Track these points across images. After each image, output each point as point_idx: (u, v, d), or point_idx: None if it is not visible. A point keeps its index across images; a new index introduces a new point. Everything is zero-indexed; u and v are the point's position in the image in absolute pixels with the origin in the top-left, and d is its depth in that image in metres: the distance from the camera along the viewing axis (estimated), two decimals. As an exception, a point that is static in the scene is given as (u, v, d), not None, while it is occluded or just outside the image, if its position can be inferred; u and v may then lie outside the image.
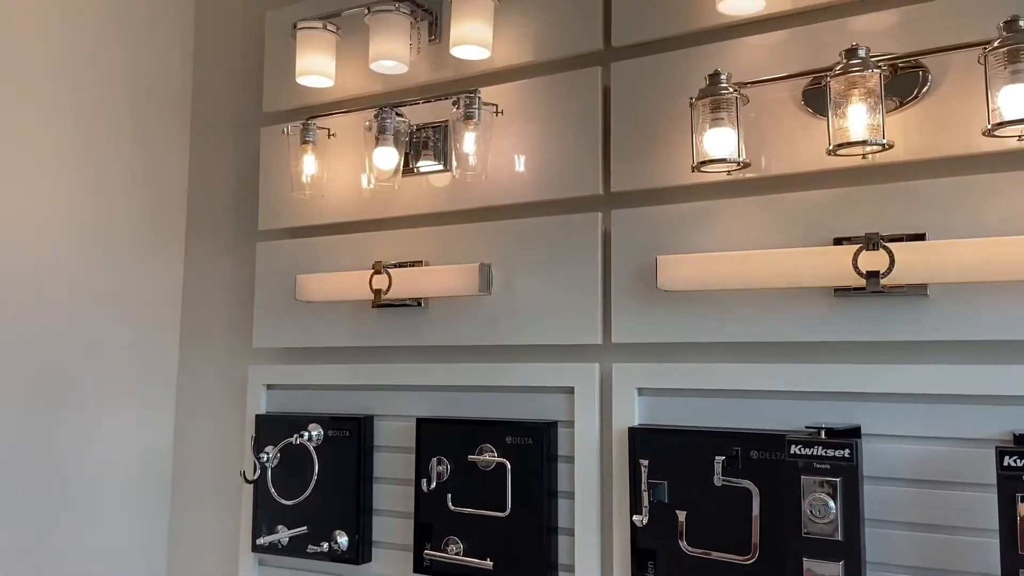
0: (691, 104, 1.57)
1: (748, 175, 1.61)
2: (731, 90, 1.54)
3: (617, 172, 1.74)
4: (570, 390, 1.76)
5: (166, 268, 2.36)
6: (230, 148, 2.37)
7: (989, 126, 1.33)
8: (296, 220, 2.14)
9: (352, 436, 1.96)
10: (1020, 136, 1.36)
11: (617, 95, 1.76)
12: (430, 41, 1.99)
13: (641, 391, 1.69)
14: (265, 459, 2.01)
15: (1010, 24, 1.32)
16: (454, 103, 1.84)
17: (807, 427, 1.43)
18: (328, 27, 1.99)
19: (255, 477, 2.03)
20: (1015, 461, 1.25)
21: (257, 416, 2.11)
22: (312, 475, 1.97)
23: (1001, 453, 1.26)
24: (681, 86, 1.67)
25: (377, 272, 1.92)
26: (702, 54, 1.67)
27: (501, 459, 1.76)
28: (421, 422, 1.88)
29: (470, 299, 1.88)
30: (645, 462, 1.59)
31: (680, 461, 1.58)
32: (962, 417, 1.40)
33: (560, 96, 1.82)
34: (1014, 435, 1.32)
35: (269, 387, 2.16)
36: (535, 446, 1.74)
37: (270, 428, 2.07)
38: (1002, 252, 1.36)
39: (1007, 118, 1.31)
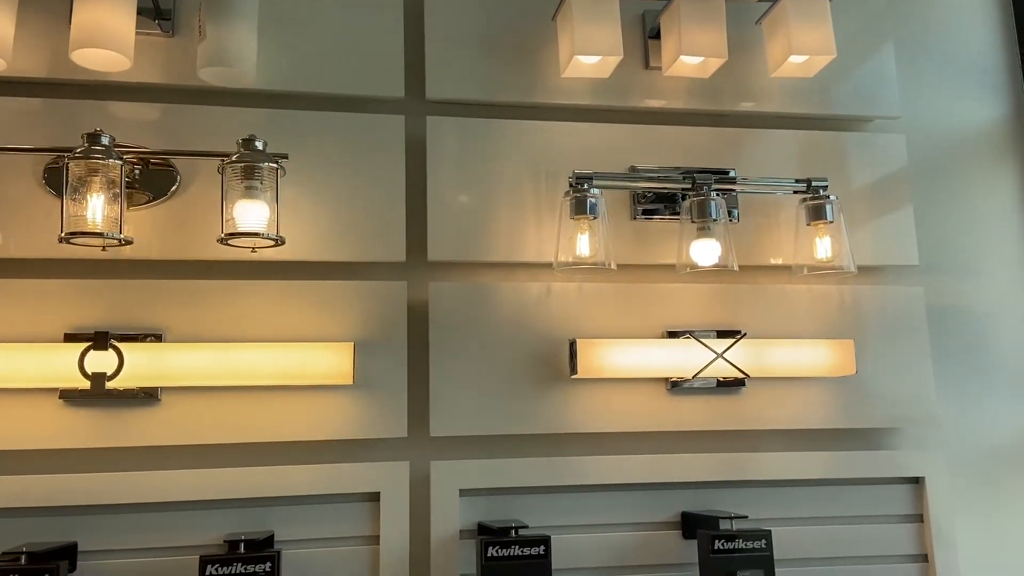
0: None
1: (-27, 253, 1.37)
2: (-50, 151, 1.30)
3: None
4: None
5: None
6: None
7: (223, 235, 1.37)
8: None
9: None
10: (253, 248, 1.43)
11: None
12: None
13: None
14: None
15: (247, 142, 1.39)
16: None
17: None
18: None
19: None
20: (216, 569, 1.25)
21: None
22: None
23: (204, 562, 1.25)
24: None
25: None
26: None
27: None
28: None
29: None
30: None
31: None
32: (182, 525, 1.37)
33: None
34: (227, 542, 1.32)
35: None
36: None
37: None
38: (232, 358, 1.39)
39: (240, 229, 1.37)
